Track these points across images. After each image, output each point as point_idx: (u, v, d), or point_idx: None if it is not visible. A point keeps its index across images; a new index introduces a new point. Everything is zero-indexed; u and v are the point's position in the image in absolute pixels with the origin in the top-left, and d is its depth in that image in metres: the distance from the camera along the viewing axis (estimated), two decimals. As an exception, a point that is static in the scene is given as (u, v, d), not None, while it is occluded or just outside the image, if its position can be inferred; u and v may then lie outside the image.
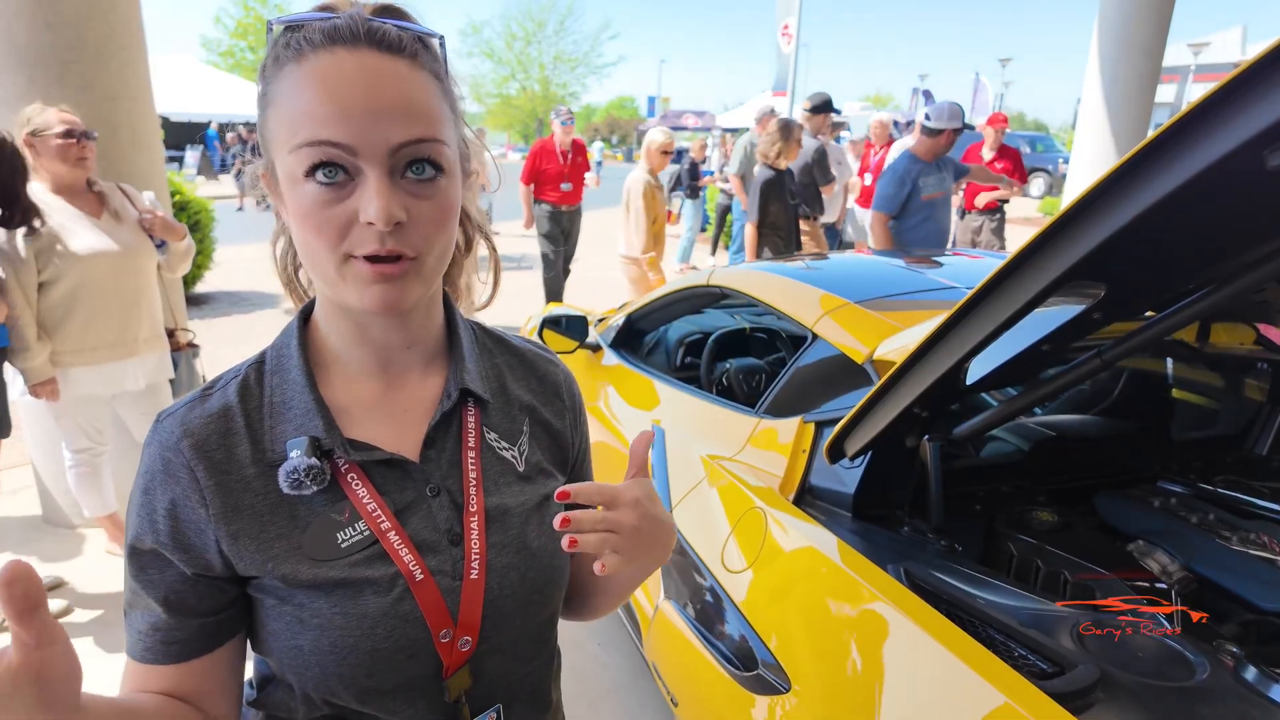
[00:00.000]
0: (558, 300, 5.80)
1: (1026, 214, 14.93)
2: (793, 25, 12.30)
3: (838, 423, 1.34)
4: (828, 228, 5.94)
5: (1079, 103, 6.56)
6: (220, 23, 36.37)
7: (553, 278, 5.86)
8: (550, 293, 5.87)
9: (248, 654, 0.68)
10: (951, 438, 1.34)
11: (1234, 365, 1.77)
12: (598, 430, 2.30)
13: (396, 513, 0.64)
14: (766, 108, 6.75)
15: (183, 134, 21.77)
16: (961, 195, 5.72)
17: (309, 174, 0.55)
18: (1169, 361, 1.91)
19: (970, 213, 5.71)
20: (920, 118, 4.18)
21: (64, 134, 2.20)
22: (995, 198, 5.55)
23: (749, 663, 1.28)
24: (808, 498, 1.46)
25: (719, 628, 1.41)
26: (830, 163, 5.57)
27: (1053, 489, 1.60)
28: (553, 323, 2.39)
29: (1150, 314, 1.14)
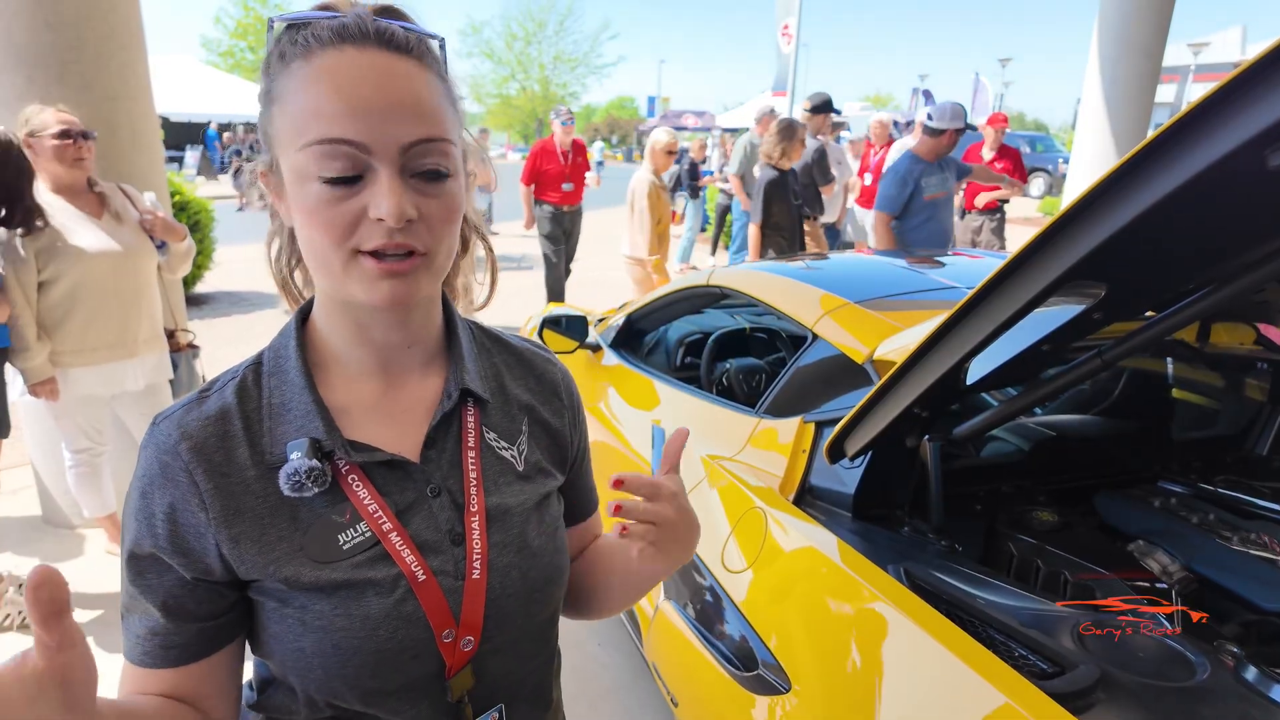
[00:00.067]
0: (559, 300, 5.81)
1: (1026, 214, 14.94)
2: (793, 25, 12.28)
3: (838, 423, 1.34)
4: (828, 228, 5.93)
5: (1079, 103, 6.55)
6: (220, 23, 36.38)
7: (555, 278, 5.86)
8: (552, 293, 5.87)
9: (247, 656, 0.68)
10: (952, 438, 1.34)
11: (1234, 365, 1.77)
12: (598, 430, 2.30)
13: (398, 513, 0.64)
14: (766, 108, 6.74)
15: (183, 134, 21.76)
16: (962, 195, 5.72)
17: (322, 176, 0.55)
18: (1169, 361, 1.91)
19: (970, 213, 5.71)
20: (920, 118, 4.18)
21: (60, 134, 2.19)
22: (996, 197, 5.55)
23: (749, 663, 1.28)
24: (808, 498, 1.46)
25: (719, 628, 1.41)
26: (830, 163, 5.57)
27: (1053, 489, 1.60)
28: (553, 323, 2.39)
29: (1150, 314, 1.14)
